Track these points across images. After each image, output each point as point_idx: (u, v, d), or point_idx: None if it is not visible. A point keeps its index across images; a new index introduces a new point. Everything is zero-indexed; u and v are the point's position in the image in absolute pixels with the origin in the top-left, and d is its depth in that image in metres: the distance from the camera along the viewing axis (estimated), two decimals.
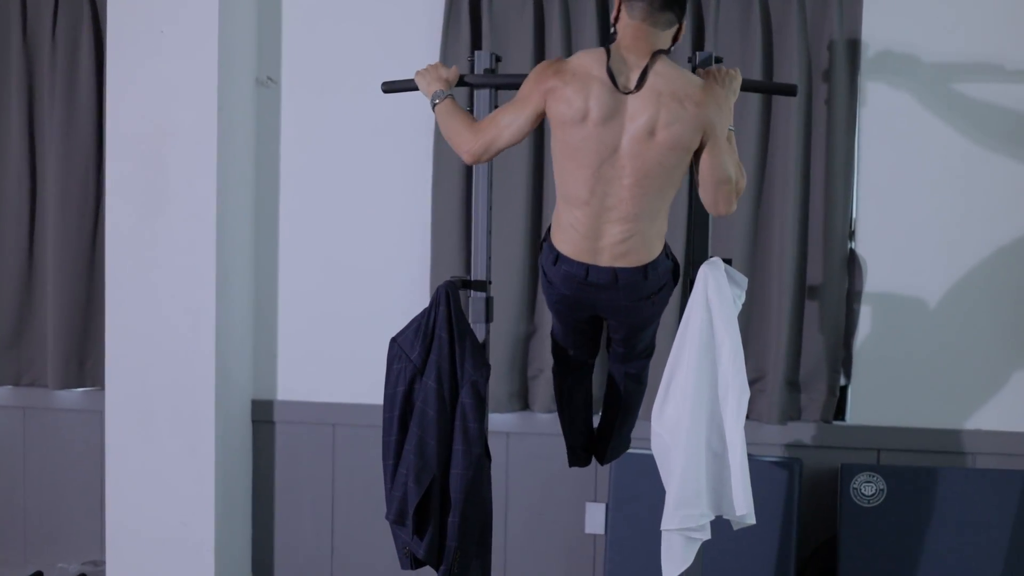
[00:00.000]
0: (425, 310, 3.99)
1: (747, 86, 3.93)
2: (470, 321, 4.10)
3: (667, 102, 3.65)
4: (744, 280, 3.95)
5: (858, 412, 5.35)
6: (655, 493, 3.95)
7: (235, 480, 5.55)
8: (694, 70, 3.95)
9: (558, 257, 3.84)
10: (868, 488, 5.09)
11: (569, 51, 5.28)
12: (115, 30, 5.27)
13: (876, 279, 5.30)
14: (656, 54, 3.70)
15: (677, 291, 5.08)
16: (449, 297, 3.97)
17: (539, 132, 5.34)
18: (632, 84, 3.67)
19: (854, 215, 5.28)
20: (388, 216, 5.52)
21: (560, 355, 4.30)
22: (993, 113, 5.17)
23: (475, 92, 4.18)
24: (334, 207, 5.57)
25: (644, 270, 3.81)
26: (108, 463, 5.41)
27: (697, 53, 4.07)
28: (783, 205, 5.21)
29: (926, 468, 5.11)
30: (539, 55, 5.31)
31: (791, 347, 5.28)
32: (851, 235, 5.27)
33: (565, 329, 4.15)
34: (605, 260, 3.79)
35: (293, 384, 5.67)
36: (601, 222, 3.75)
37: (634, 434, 5.10)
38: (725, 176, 3.74)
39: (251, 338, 5.64)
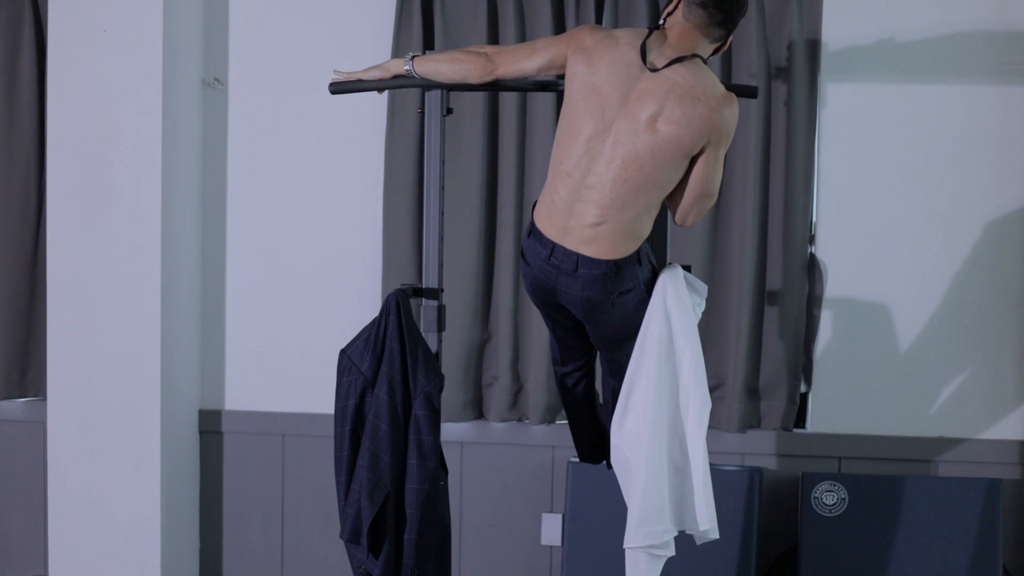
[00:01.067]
0: (375, 320, 3.91)
1: None
2: (422, 330, 4.02)
3: (680, 96, 3.61)
4: (704, 287, 3.89)
5: (819, 420, 5.32)
6: (612, 503, 3.91)
7: (182, 493, 5.47)
8: None
9: (532, 229, 3.82)
10: (829, 497, 5.06)
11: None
12: (56, 29, 5.21)
13: (837, 284, 5.26)
14: (694, 55, 3.68)
15: None
16: (400, 306, 3.89)
17: (493, 135, 5.28)
18: (659, 66, 3.64)
19: (814, 219, 5.25)
20: (339, 221, 5.47)
21: (553, 350, 4.26)
22: (955, 115, 5.17)
23: (426, 93, 4.09)
24: (284, 212, 5.51)
25: (606, 265, 3.74)
26: (50, 475, 5.34)
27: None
28: (742, 209, 5.17)
29: (888, 477, 5.09)
30: None
31: (750, 354, 5.25)
32: (811, 239, 5.25)
33: (545, 319, 4.11)
34: (571, 242, 3.74)
35: (241, 394, 5.60)
36: (577, 199, 3.71)
37: None
38: (710, 191, 3.73)
39: (198, 347, 5.56)
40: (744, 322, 5.19)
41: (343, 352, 3.91)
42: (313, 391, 5.43)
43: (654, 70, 3.62)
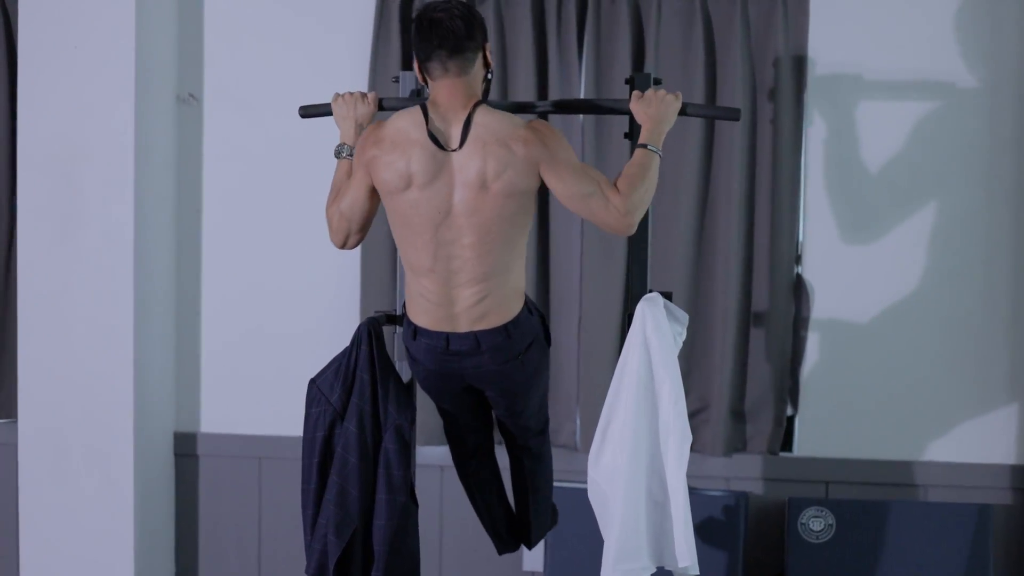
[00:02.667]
0: (346, 349, 3.82)
1: (687, 111, 3.76)
2: (395, 359, 3.94)
3: (493, 150, 3.51)
4: (685, 317, 3.81)
5: (806, 443, 5.27)
6: (595, 529, 3.85)
7: (156, 517, 5.40)
8: (631, 92, 3.81)
9: (416, 330, 3.72)
10: (816, 523, 5.02)
11: (504, 63, 5.20)
12: (26, 45, 5.15)
13: (824, 305, 5.22)
14: (476, 105, 3.56)
15: (616, 330, 5.09)
16: (372, 335, 3.80)
17: None
18: (456, 142, 3.54)
19: (801, 239, 5.21)
20: (317, 241, 5.19)
21: (452, 440, 4.14)
22: (944, 132, 5.13)
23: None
24: (260, 231, 5.46)
25: (505, 330, 3.67)
26: (21, 499, 5.27)
27: (635, 75, 3.88)
28: (727, 228, 5.12)
29: (877, 502, 5.05)
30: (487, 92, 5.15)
31: (736, 376, 5.19)
32: (798, 259, 5.20)
33: (445, 409, 3.99)
34: (463, 326, 3.65)
35: (218, 416, 5.53)
36: (450, 287, 3.63)
37: (572, 471, 5.12)
38: (584, 190, 3.56)
39: (173, 368, 5.50)
40: (729, 343, 5.13)
41: (312, 382, 3.83)
42: (291, 413, 5.14)
43: (455, 150, 3.54)
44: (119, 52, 5.08)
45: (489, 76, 3.68)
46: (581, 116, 5.11)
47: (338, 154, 3.80)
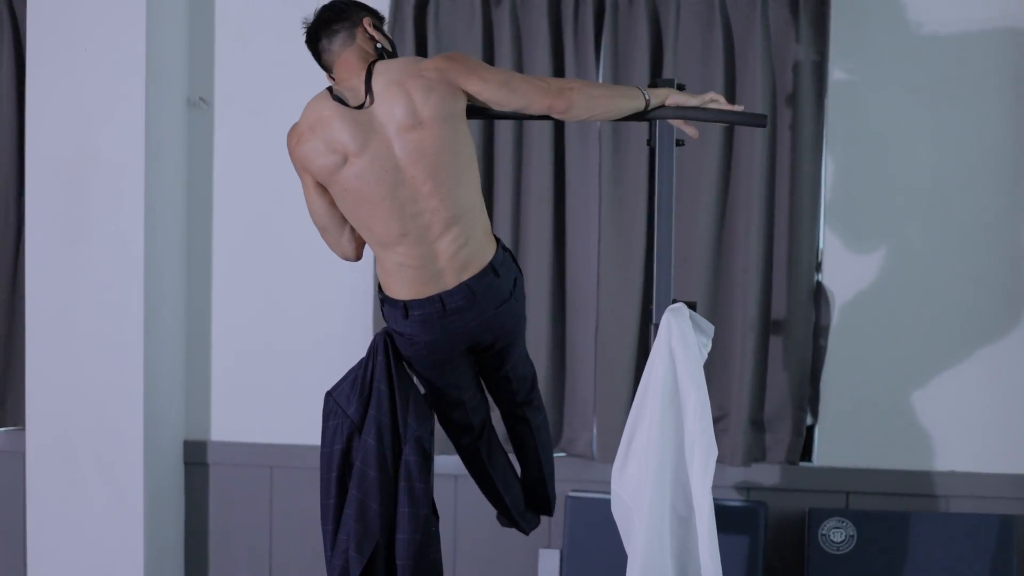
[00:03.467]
0: (362, 360, 3.77)
1: (712, 117, 3.70)
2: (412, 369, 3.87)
3: (410, 83, 3.56)
4: (711, 327, 3.75)
5: (826, 453, 5.23)
6: (612, 539, 3.85)
7: (165, 526, 5.37)
8: None
9: (406, 306, 3.68)
10: (837, 534, 4.99)
11: (520, 68, 5.17)
12: (35, 48, 5.13)
13: (844, 313, 5.18)
14: (373, 62, 3.65)
15: (633, 338, 5.10)
16: (388, 346, 3.74)
17: (488, 149, 5.20)
18: (363, 96, 3.58)
19: (821, 246, 5.17)
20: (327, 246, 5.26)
21: (456, 427, 4.06)
22: (967, 137, 5.09)
23: None
24: (272, 238, 5.43)
25: (493, 270, 3.68)
26: (29, 508, 5.24)
27: (659, 81, 3.83)
28: (746, 235, 5.08)
29: (898, 512, 5.01)
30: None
31: (755, 385, 5.15)
32: (818, 267, 5.17)
33: (444, 390, 3.91)
34: (452, 280, 3.65)
35: (228, 424, 5.51)
36: (428, 244, 3.62)
37: (589, 480, 5.15)
38: (512, 80, 3.62)
39: (183, 375, 5.48)
40: (748, 352, 5.09)
41: (328, 394, 3.77)
42: (303, 422, 5.33)
43: (367, 104, 3.58)
44: (129, 55, 5.06)
45: (379, 46, 3.71)
46: (599, 122, 5.05)
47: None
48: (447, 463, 5.23)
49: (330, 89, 3.61)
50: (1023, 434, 5.12)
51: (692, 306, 3.75)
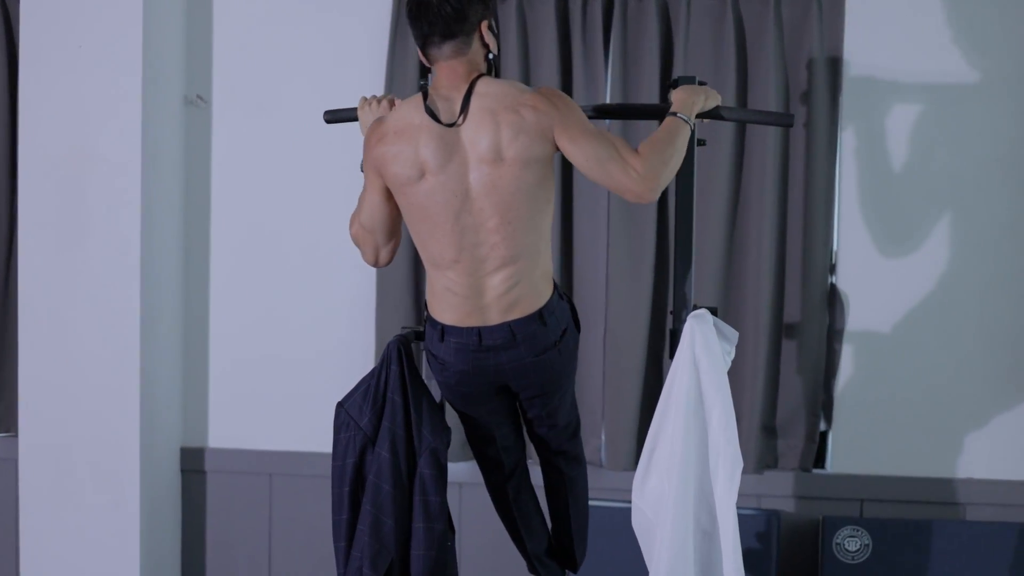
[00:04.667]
0: (374, 370, 3.66)
1: (738, 116, 3.61)
2: (425, 377, 3.80)
3: (503, 117, 3.40)
4: (735, 334, 3.67)
5: (840, 460, 5.19)
6: (622, 550, 3.83)
7: (162, 535, 5.33)
8: (670, 91, 3.69)
9: (443, 330, 3.56)
10: (852, 543, 4.96)
11: (527, 66, 5.12)
12: (28, 44, 5.09)
13: (859, 316, 5.14)
14: (477, 78, 3.46)
15: (642, 344, 5.06)
16: (401, 354, 3.63)
17: None
18: (456, 115, 3.43)
19: (835, 247, 5.14)
20: (330, 248, 5.31)
21: (488, 463, 3.97)
22: (985, 136, 5.06)
23: None
24: (271, 239, 5.38)
25: (540, 316, 3.54)
26: (22, 517, 5.21)
27: (680, 78, 3.76)
28: (759, 236, 5.05)
29: (914, 521, 4.99)
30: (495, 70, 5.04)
31: (767, 389, 5.12)
32: (832, 269, 5.14)
33: (476, 424, 3.82)
34: (495, 317, 3.52)
35: (226, 431, 5.46)
36: (478, 277, 3.49)
37: (597, 487, 5.02)
38: (601, 152, 3.41)
39: (180, 381, 5.43)
40: (761, 356, 5.06)
41: (340, 405, 3.66)
42: (302, 428, 5.31)
43: (455, 124, 3.42)
44: (125, 52, 5.02)
45: (490, 56, 3.56)
46: (607, 120, 4.96)
47: (364, 167, 3.67)
48: (452, 470, 5.09)
49: (424, 94, 3.46)
50: None
51: (714, 312, 3.68)
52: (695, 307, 3.68)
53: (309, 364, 5.30)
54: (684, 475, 3.50)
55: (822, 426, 5.18)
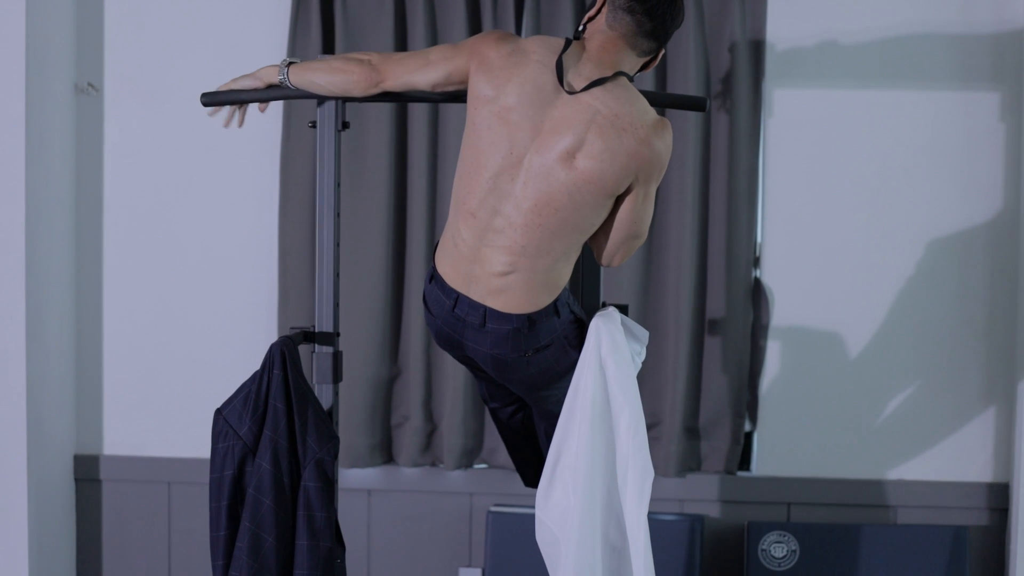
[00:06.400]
0: (255, 374, 3.46)
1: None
2: (314, 382, 3.58)
3: (603, 126, 3.19)
4: (645, 334, 3.50)
5: (766, 462, 5.10)
6: (537, 555, 3.58)
7: (54, 548, 5.16)
8: None
9: (434, 274, 3.44)
10: (778, 549, 4.87)
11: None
12: None
13: (785, 311, 5.05)
14: (619, 73, 3.26)
15: None
16: (285, 357, 3.42)
17: (402, 149, 5.04)
18: (577, 86, 3.22)
19: (759, 239, 5.05)
20: (230, 245, 5.22)
21: (479, 388, 3.91)
22: (914, 124, 4.98)
23: (318, 105, 3.66)
24: (168, 234, 5.23)
25: (521, 320, 3.35)
26: None
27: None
28: (679, 228, 4.92)
29: (843, 525, 4.91)
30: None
31: (689, 389, 5.01)
32: (756, 262, 5.04)
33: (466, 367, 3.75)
34: (477, 293, 3.35)
35: (122, 437, 5.29)
36: (483, 243, 3.32)
37: (511, 492, 5.03)
38: (639, 231, 3.35)
39: (72, 386, 5.26)
40: (682, 354, 4.94)
41: (218, 412, 3.46)
42: (203, 434, 4.96)
43: (572, 92, 3.22)
44: (6, 39, 4.83)
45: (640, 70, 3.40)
46: None
47: (283, 72, 3.50)
48: (359, 477, 5.13)
49: (564, 50, 3.27)
50: (976, 441, 5.03)
51: (624, 310, 3.52)
52: (603, 304, 3.53)
53: (209, 367, 5.17)
54: (590, 487, 3.32)
55: (747, 427, 5.09)
